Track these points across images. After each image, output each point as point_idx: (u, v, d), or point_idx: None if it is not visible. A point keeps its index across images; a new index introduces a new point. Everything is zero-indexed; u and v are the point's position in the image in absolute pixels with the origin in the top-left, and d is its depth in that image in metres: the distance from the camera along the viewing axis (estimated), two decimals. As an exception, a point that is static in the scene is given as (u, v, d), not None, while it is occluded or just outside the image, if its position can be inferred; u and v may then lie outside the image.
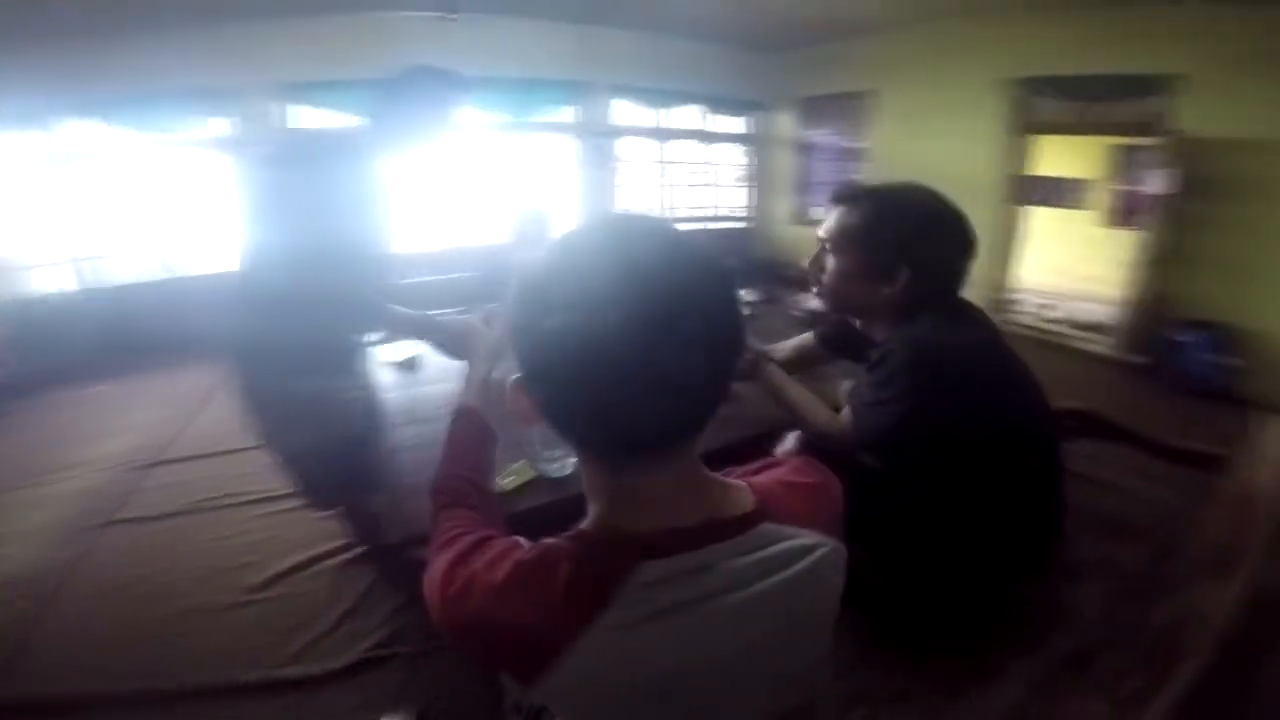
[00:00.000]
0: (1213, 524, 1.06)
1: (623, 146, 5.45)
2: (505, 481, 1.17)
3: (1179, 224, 3.53)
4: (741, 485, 0.57)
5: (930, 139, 4.70)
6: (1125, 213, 5.22)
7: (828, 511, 0.60)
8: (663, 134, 5.66)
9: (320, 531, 1.93)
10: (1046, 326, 4.44)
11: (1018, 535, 1.11)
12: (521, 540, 0.58)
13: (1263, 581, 0.73)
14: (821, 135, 5.72)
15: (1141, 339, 3.72)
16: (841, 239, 1.13)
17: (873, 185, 1.17)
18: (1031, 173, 4.39)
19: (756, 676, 0.57)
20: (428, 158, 1.48)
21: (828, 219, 1.17)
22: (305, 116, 4.16)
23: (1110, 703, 0.68)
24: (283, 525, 2.05)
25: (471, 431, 0.84)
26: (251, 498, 2.20)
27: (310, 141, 1.46)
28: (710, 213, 6.23)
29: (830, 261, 1.16)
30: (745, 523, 0.54)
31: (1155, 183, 3.69)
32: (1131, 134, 4.13)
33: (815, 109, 5.67)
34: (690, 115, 5.72)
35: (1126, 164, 5.15)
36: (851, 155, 5.44)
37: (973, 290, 1.18)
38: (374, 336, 2.01)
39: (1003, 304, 4.45)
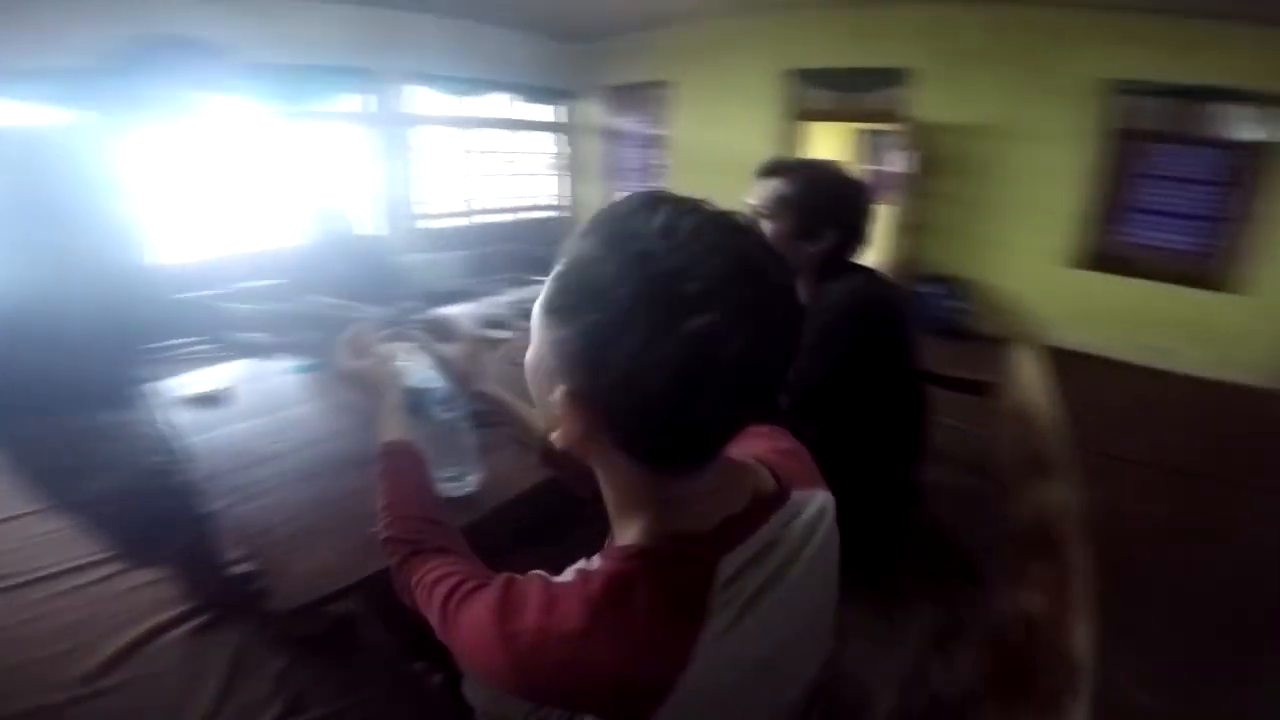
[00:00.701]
0: (1010, 440, 1.34)
1: (422, 136, 5.10)
2: None
3: (918, 198, 4.33)
4: (751, 461, 0.57)
5: (720, 126, 5.16)
6: (877, 189, 6.20)
7: (813, 468, 0.63)
8: (467, 123, 5.39)
9: (146, 600, 1.60)
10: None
11: (904, 467, 1.34)
12: (545, 575, 0.52)
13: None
14: (628, 123, 5.93)
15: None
16: (777, 205, 1.28)
17: (798, 160, 1.35)
18: (802, 155, 5.03)
19: (818, 631, 0.61)
20: (179, 149, 1.24)
21: (758, 189, 1.32)
22: (9, 112, 3.22)
23: (1038, 594, 0.82)
24: (95, 599, 1.65)
25: (408, 465, 0.75)
26: (44, 572, 1.73)
27: (13, 143, 1.15)
28: (521, 202, 6.13)
29: (765, 226, 1.29)
30: (781, 496, 0.55)
31: (898, 163, 4.47)
32: (878, 120, 4.90)
33: (622, 97, 5.85)
34: (497, 103, 5.53)
35: (875, 147, 6.12)
36: (655, 142, 5.73)
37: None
38: (156, 370, 1.65)
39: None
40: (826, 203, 1.27)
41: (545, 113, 6.06)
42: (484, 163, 5.65)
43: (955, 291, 4.28)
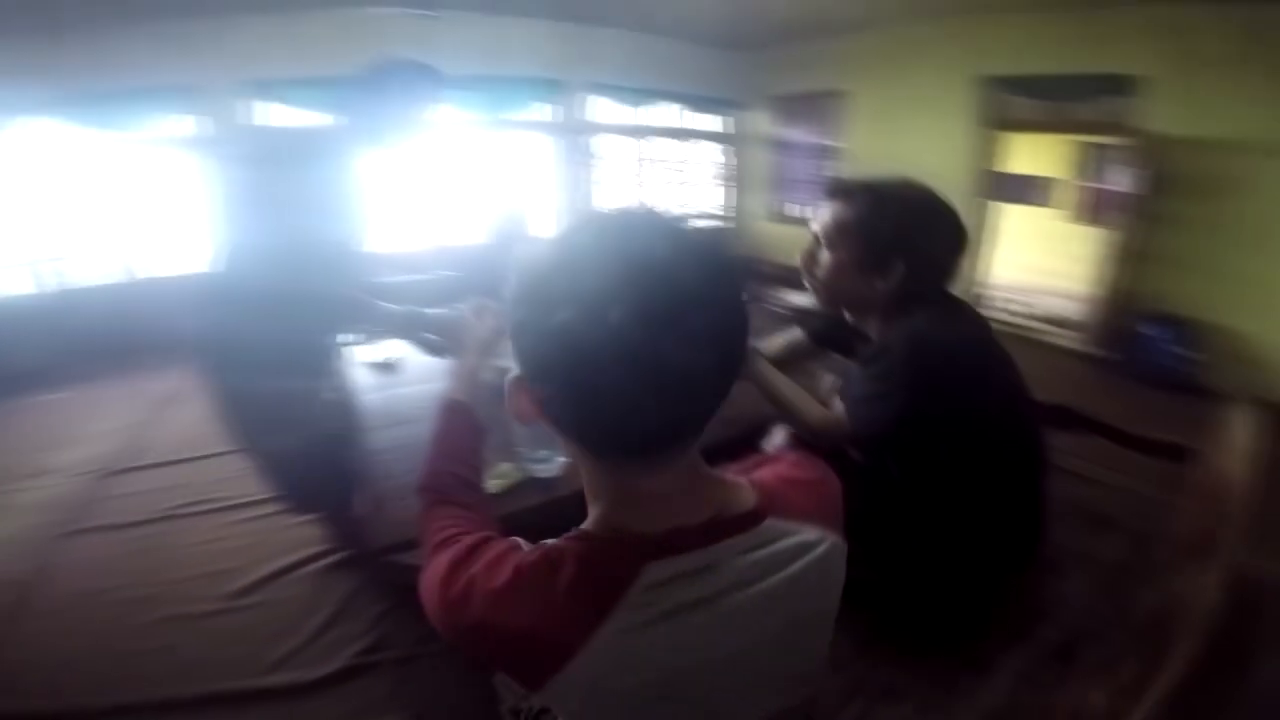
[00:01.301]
0: (1187, 513, 1.09)
1: (601, 144, 5.43)
2: (493, 483, 1.14)
3: (1145, 221, 3.64)
4: (743, 482, 0.57)
5: (902, 137, 4.78)
6: (1093, 209, 5.35)
7: (829, 507, 0.60)
8: (641, 132, 5.64)
9: (300, 537, 1.89)
10: (1015, 321, 4.54)
11: (1005, 528, 1.13)
12: (521, 542, 0.57)
13: (1241, 569, 0.75)
14: (797, 133, 5.77)
15: (1109, 333, 3.83)
16: (837, 232, 1.13)
17: (866, 179, 1.17)
18: (1001, 170, 4.48)
19: (763, 674, 0.57)
20: (404, 155, 1.46)
21: (821, 213, 1.16)
22: (276, 114, 4.05)
23: (1104, 692, 0.69)
24: (261, 531, 2.00)
25: (461, 426, 0.81)
26: (227, 504, 2.15)
27: (285, 139, 1.45)
28: (688, 211, 6.25)
29: (824, 255, 1.16)
30: (749, 520, 0.53)
31: (1122, 181, 3.80)
32: (1099, 133, 4.24)
33: (791, 108, 5.72)
34: (668, 113, 5.72)
35: (1094, 162, 5.28)
36: (826, 153, 5.50)
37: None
38: (353, 336, 1.98)
39: (973, 299, 4.54)
40: (894, 230, 1.09)
41: (714, 123, 6.13)
42: (656, 171, 5.88)
43: (1184, 335, 3.50)
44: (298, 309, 1.29)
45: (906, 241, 1.08)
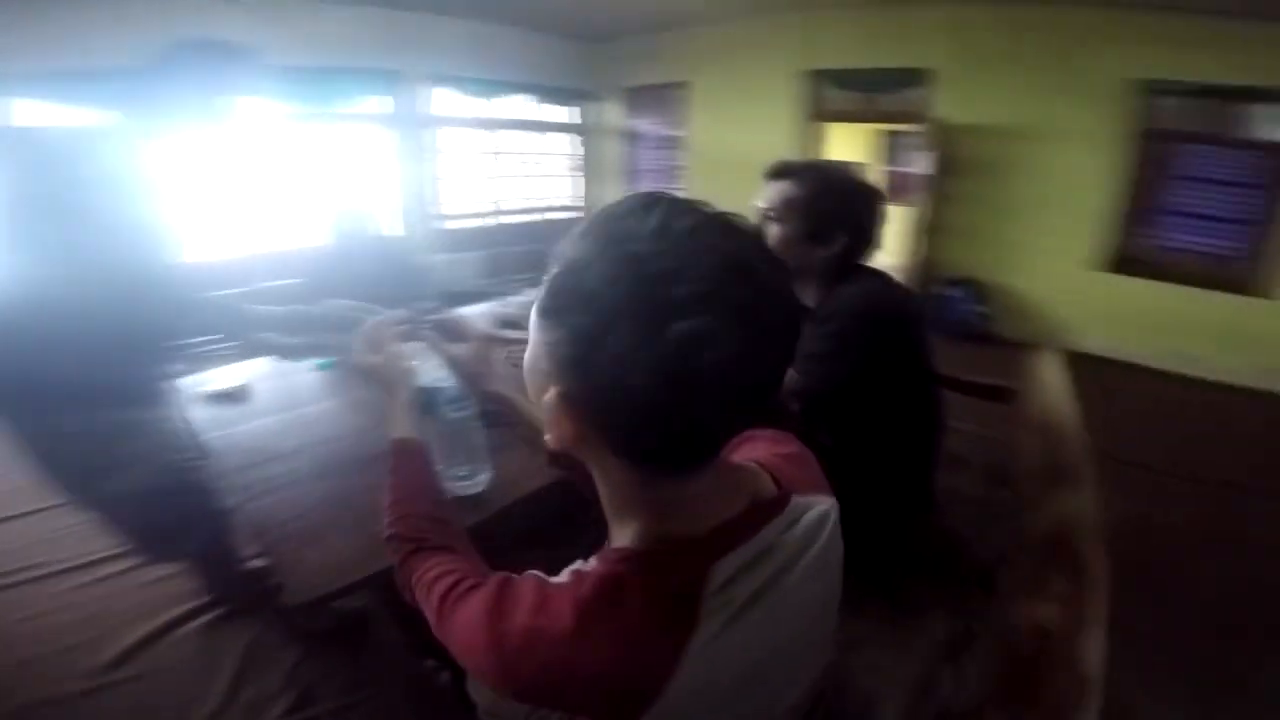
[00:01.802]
0: (1028, 447, 1.31)
1: (444, 138, 5.16)
2: None
3: (939, 200, 4.27)
4: (751, 465, 0.57)
5: (738, 127, 5.14)
6: (896, 190, 6.16)
7: (818, 474, 0.63)
8: (488, 124, 5.45)
9: (163, 594, 1.64)
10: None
11: (918, 475, 1.32)
12: (541, 575, 0.53)
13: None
14: (646, 124, 5.94)
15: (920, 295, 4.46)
16: (786, 207, 1.26)
17: (803, 162, 1.32)
18: (821, 157, 4.99)
19: (819, 639, 0.60)
20: (212, 151, 1.27)
21: (766, 191, 1.30)
22: (37, 112, 3.32)
23: (1050, 605, 0.80)
24: (113, 593, 1.70)
25: (416, 463, 0.76)
26: (62, 566, 1.78)
27: (52, 142, 1.20)
28: (539, 203, 6.17)
29: (773, 229, 1.28)
30: (781, 501, 0.54)
31: (919, 164, 4.42)
32: (899, 121, 4.86)
33: (640, 99, 5.87)
34: (519, 105, 5.58)
35: (895, 148, 6.05)
36: (673, 143, 5.73)
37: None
38: (184, 362, 1.69)
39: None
40: (836, 205, 1.25)
41: (564, 114, 6.09)
42: (504, 164, 5.71)
43: (976, 294, 4.21)
44: (101, 336, 1.09)
45: (849, 215, 1.25)
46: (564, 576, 0.52)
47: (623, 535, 0.52)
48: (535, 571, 0.53)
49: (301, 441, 1.32)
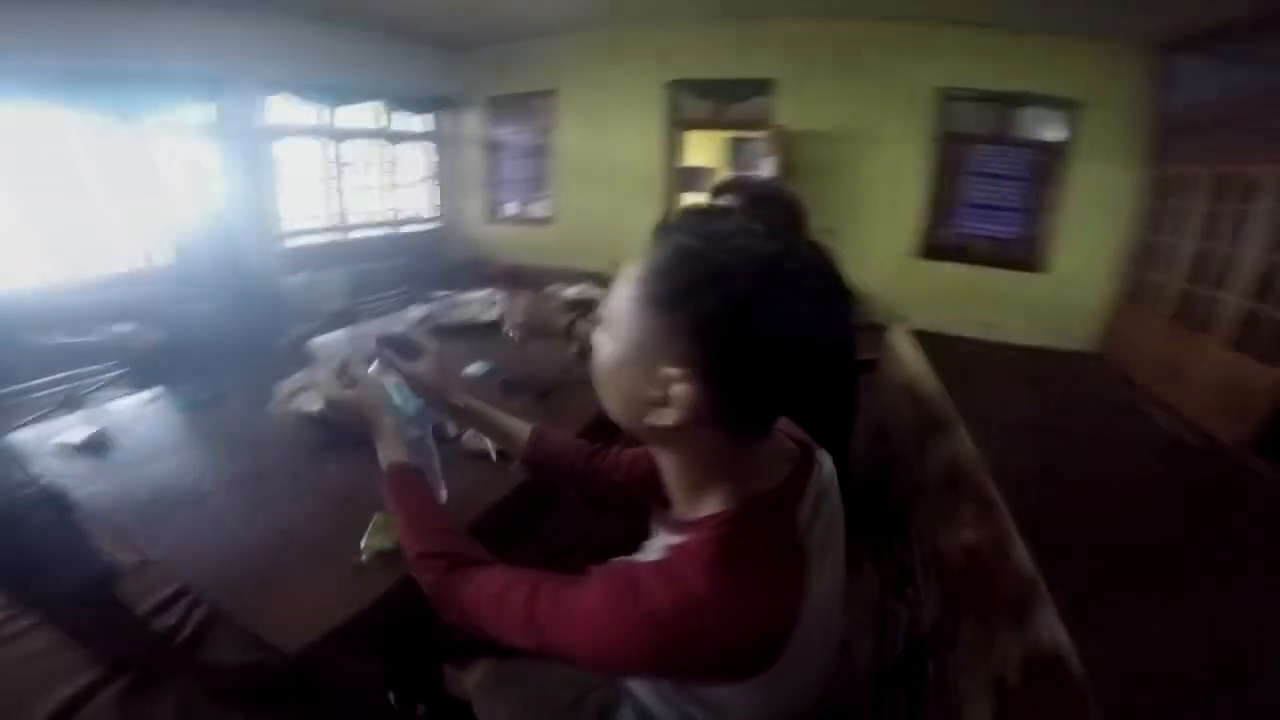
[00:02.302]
0: (900, 406, 1.55)
1: (284, 148, 4.71)
2: (374, 542, 0.97)
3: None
4: None
5: (606, 135, 5.28)
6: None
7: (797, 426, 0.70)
8: (335, 134, 5.05)
9: (57, 666, 1.33)
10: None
11: (843, 447, 1.48)
12: (627, 559, 0.57)
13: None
14: (510, 133, 5.86)
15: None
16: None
17: (743, 178, 1.43)
18: (683, 164, 5.31)
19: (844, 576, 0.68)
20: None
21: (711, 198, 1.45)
22: None
23: (970, 530, 0.95)
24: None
25: (416, 484, 0.77)
26: None
27: None
28: (394, 215, 5.84)
29: None
30: (810, 448, 0.63)
31: (765, 168, 4.85)
32: (749, 128, 5.29)
33: (503, 107, 5.78)
34: (369, 113, 5.25)
35: (743, 154, 6.55)
36: (540, 152, 5.72)
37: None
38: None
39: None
40: (786, 213, 1.45)
41: (421, 122, 5.83)
42: (356, 175, 5.33)
43: (824, 284, 4.74)
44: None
45: (797, 222, 1.43)
46: (651, 556, 0.57)
47: (706, 504, 0.58)
48: (620, 557, 0.58)
49: (202, 485, 1.19)
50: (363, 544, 0.90)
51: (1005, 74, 4.11)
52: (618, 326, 0.56)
